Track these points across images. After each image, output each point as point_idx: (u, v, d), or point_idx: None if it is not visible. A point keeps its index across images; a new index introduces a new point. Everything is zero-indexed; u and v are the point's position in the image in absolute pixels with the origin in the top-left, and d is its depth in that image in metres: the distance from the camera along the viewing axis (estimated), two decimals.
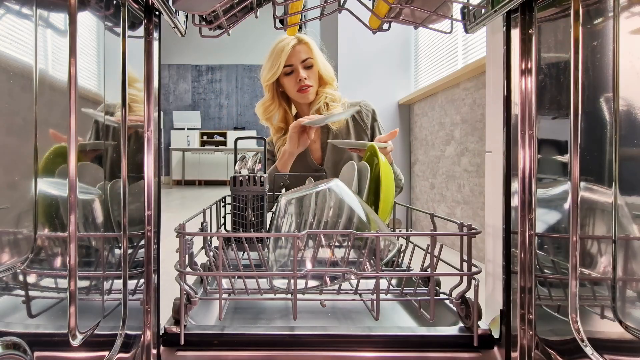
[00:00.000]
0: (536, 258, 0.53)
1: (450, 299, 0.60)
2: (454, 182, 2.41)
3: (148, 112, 0.56)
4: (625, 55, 0.40)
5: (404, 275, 0.74)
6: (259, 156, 0.88)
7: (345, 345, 0.57)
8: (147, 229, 0.56)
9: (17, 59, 0.33)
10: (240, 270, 0.66)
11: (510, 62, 0.56)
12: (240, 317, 0.73)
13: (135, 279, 0.54)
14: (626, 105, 0.40)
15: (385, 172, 0.82)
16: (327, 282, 0.62)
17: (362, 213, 0.67)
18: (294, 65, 1.35)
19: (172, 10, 0.58)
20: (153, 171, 0.56)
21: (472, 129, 2.20)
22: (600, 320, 0.43)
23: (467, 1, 0.63)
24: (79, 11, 0.40)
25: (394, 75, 3.16)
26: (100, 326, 0.45)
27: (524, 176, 0.54)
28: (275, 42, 1.37)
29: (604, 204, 0.43)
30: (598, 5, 0.44)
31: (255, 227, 0.82)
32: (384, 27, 0.71)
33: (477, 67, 2.04)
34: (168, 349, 0.56)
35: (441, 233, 0.57)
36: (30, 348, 0.33)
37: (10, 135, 0.32)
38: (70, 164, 0.39)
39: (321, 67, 1.38)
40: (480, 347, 0.56)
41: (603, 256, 0.43)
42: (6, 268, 0.32)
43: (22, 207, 0.34)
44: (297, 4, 0.68)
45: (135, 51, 0.54)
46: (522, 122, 0.54)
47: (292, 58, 1.34)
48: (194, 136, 8.70)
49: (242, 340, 0.57)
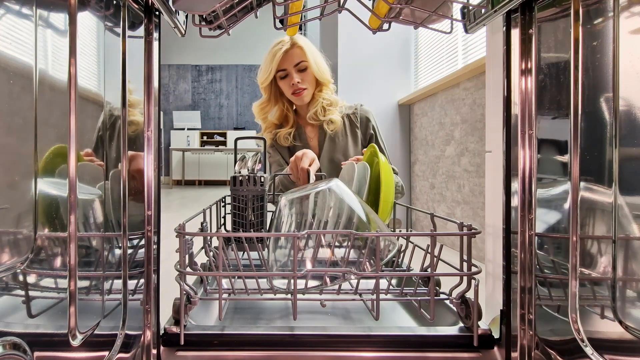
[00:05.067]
0: (536, 258, 0.53)
1: (450, 299, 0.60)
2: (454, 182, 2.41)
3: (148, 112, 0.56)
4: (625, 55, 0.40)
5: (404, 275, 0.74)
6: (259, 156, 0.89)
7: (345, 345, 0.57)
8: (147, 229, 0.56)
9: (17, 59, 0.33)
10: (240, 270, 0.66)
11: (510, 62, 0.56)
12: (240, 317, 0.73)
13: (135, 279, 0.54)
14: (626, 105, 0.40)
15: (385, 172, 0.82)
16: (327, 282, 0.62)
17: (362, 213, 0.67)
18: (288, 69, 1.37)
19: (172, 10, 0.58)
20: (153, 171, 0.56)
21: (472, 129, 2.20)
22: (600, 320, 0.43)
23: (467, 1, 0.63)
24: (79, 11, 0.40)
25: (394, 75, 3.16)
26: (100, 326, 0.45)
27: (524, 176, 0.54)
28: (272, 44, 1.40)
29: (604, 204, 0.43)
30: (598, 5, 0.44)
31: (255, 227, 0.82)
32: (384, 27, 0.71)
33: (477, 67, 2.04)
34: (168, 349, 0.56)
35: (441, 233, 0.57)
36: (30, 348, 0.33)
37: (10, 135, 0.32)
38: (70, 164, 0.39)
39: (315, 70, 1.39)
40: (480, 347, 0.56)
41: (603, 256, 0.43)
42: (6, 268, 0.32)
43: (22, 207, 0.34)
44: (297, 4, 0.68)
45: (135, 51, 0.54)
46: (522, 122, 0.54)
47: (285, 62, 1.36)
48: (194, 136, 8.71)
49: (242, 340, 0.57)
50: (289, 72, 1.37)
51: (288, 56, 1.36)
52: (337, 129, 1.42)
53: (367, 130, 1.46)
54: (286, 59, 1.36)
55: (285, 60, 1.36)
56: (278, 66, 1.36)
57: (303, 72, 1.38)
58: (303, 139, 1.48)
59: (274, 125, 1.50)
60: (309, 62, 1.37)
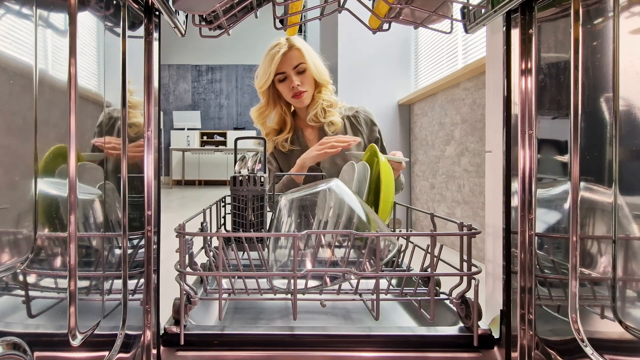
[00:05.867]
0: (536, 258, 0.53)
1: (450, 299, 0.60)
2: (454, 182, 2.41)
3: (148, 112, 0.56)
4: (625, 55, 0.40)
5: (404, 275, 0.74)
6: (259, 156, 0.89)
7: (345, 345, 0.57)
8: (147, 229, 0.56)
9: (17, 59, 0.33)
10: (240, 270, 0.66)
11: (510, 62, 0.56)
12: (240, 317, 0.73)
13: (135, 279, 0.54)
14: (626, 105, 0.40)
15: (385, 172, 0.82)
16: (327, 282, 0.62)
17: (362, 213, 0.67)
18: (287, 72, 1.36)
19: (172, 10, 0.58)
20: (153, 171, 0.56)
21: (472, 129, 2.20)
22: (600, 320, 0.43)
23: (467, 1, 0.63)
24: (79, 11, 0.40)
25: (394, 75, 3.15)
26: (100, 326, 0.45)
27: (524, 176, 0.54)
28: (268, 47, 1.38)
29: (604, 204, 0.43)
30: (598, 5, 0.44)
31: (255, 227, 0.82)
32: (384, 27, 0.71)
33: (477, 67, 2.04)
34: (168, 349, 0.56)
35: (441, 233, 0.57)
36: (30, 348, 0.33)
37: (10, 135, 0.32)
38: (70, 164, 0.39)
39: (314, 72, 1.39)
40: (480, 347, 0.56)
41: (603, 256, 0.43)
42: (6, 268, 0.32)
43: (22, 207, 0.34)
44: (297, 4, 0.68)
45: (135, 51, 0.54)
46: (522, 122, 0.54)
47: (284, 65, 1.35)
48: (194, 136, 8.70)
49: (242, 340, 0.57)
50: (288, 75, 1.36)
51: (287, 59, 1.34)
52: (337, 131, 1.41)
53: (373, 133, 1.45)
54: (285, 61, 1.34)
55: (284, 63, 1.34)
56: (277, 69, 1.35)
57: (302, 74, 1.37)
58: (302, 142, 1.47)
59: (274, 131, 1.49)
60: (307, 63, 1.36)
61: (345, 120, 1.45)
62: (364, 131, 1.45)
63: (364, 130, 1.45)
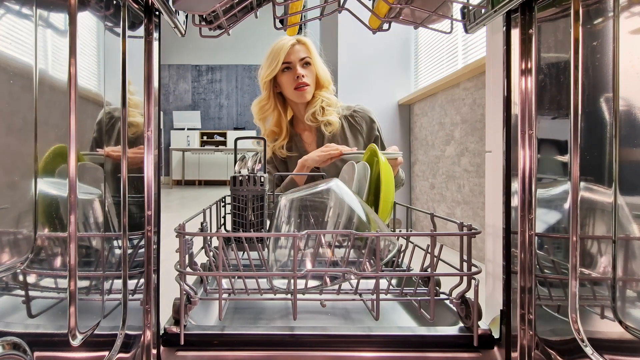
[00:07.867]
0: (536, 258, 0.53)
1: (450, 299, 0.60)
2: (454, 182, 2.41)
3: (148, 112, 0.56)
4: (625, 55, 0.40)
5: (404, 275, 0.74)
6: (259, 156, 0.89)
7: (345, 345, 0.57)
8: (147, 229, 0.56)
9: (17, 59, 0.33)
10: (240, 270, 0.66)
11: (510, 62, 0.56)
12: (240, 317, 0.73)
13: (135, 279, 0.54)
14: (626, 105, 0.40)
15: (385, 172, 0.82)
16: (327, 282, 0.62)
17: (362, 213, 0.67)
18: (293, 62, 1.38)
19: (172, 10, 0.58)
20: (153, 171, 0.56)
21: (472, 129, 2.20)
22: (600, 320, 0.43)
23: (467, 1, 0.63)
24: (79, 11, 0.40)
25: (394, 75, 3.15)
26: (100, 326, 0.45)
27: (524, 176, 0.54)
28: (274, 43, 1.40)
29: (604, 204, 0.43)
30: (598, 5, 0.44)
31: (255, 227, 0.82)
32: (384, 27, 0.71)
33: (477, 67, 2.04)
34: (168, 349, 0.56)
35: (441, 233, 0.57)
36: (30, 348, 0.33)
37: (10, 135, 0.32)
38: (70, 164, 0.39)
39: (319, 69, 1.41)
40: (480, 347, 0.56)
41: (603, 256, 0.43)
42: (6, 268, 0.32)
43: (22, 207, 0.34)
44: (297, 4, 0.68)
45: (135, 51, 0.54)
46: (522, 122, 0.54)
47: (291, 56, 1.38)
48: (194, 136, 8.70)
49: (242, 340, 0.57)
50: (294, 65, 1.38)
51: (294, 50, 1.38)
52: (335, 131, 1.41)
53: (372, 131, 1.45)
54: (292, 52, 1.37)
55: (291, 54, 1.37)
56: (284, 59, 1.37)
57: (307, 67, 1.39)
58: (300, 147, 1.47)
59: (272, 133, 1.49)
60: (313, 59, 1.40)
61: (343, 121, 1.44)
62: (363, 130, 1.44)
63: (362, 129, 1.44)
